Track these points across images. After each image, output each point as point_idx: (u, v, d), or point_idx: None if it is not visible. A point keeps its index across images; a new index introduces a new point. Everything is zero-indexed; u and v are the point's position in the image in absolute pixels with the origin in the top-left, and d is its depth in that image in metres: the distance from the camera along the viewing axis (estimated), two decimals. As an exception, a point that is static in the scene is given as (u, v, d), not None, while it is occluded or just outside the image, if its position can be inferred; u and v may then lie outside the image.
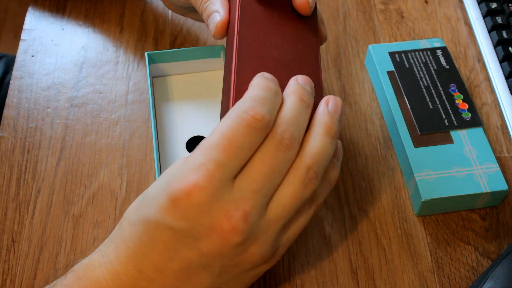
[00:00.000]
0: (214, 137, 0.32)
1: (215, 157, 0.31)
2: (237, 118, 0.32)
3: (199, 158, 0.31)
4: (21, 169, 0.51)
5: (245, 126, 0.31)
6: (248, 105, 0.32)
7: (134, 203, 0.36)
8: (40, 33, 0.61)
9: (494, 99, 0.56)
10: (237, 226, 0.31)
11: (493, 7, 0.60)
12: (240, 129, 0.31)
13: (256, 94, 0.33)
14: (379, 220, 0.48)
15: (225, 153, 0.31)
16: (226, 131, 0.31)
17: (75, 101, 0.55)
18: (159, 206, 0.33)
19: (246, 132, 0.31)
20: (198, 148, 0.32)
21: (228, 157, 0.31)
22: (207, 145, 0.32)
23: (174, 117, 0.52)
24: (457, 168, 0.48)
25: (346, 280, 0.45)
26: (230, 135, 0.31)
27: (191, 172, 0.31)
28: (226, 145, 0.31)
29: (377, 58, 0.56)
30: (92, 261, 0.36)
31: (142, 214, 0.34)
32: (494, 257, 0.46)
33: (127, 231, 0.35)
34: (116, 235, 0.36)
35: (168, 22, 0.62)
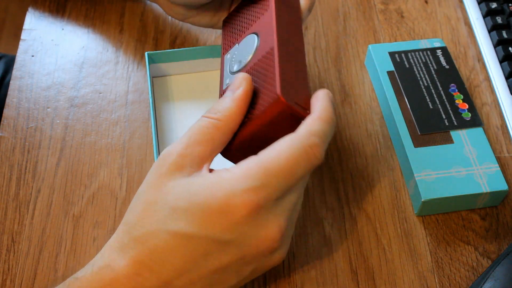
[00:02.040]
0: (277, 163, 0.33)
1: (275, 184, 0.33)
2: (303, 154, 0.34)
3: (260, 180, 0.33)
4: (21, 169, 0.51)
5: (307, 162, 0.34)
6: (316, 142, 0.34)
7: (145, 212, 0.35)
8: (40, 33, 0.61)
9: (494, 99, 0.56)
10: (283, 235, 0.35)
11: (493, 7, 0.60)
12: (303, 163, 0.34)
13: (322, 129, 0.35)
14: (379, 220, 0.48)
15: (284, 182, 0.34)
16: (290, 161, 0.33)
17: (75, 101, 0.55)
18: (203, 218, 0.33)
19: (306, 167, 0.34)
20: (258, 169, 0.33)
21: (286, 186, 0.34)
22: (269, 169, 0.33)
23: (174, 117, 0.52)
24: (457, 168, 0.48)
25: (346, 280, 0.45)
26: (292, 167, 0.34)
27: (251, 192, 0.33)
28: (287, 175, 0.33)
29: (377, 58, 0.56)
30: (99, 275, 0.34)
31: (174, 226, 0.33)
32: (494, 257, 0.46)
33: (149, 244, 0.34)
34: (128, 246, 0.34)
35: (168, 22, 0.62)
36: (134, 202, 0.36)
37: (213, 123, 0.36)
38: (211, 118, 0.36)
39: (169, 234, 0.34)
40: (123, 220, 0.36)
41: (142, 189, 0.36)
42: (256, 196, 0.33)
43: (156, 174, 0.36)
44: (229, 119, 0.36)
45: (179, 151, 0.36)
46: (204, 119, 0.36)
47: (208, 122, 0.36)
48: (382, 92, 0.54)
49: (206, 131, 0.36)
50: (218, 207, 0.33)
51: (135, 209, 0.36)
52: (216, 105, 0.37)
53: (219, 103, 0.37)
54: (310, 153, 0.34)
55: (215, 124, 0.36)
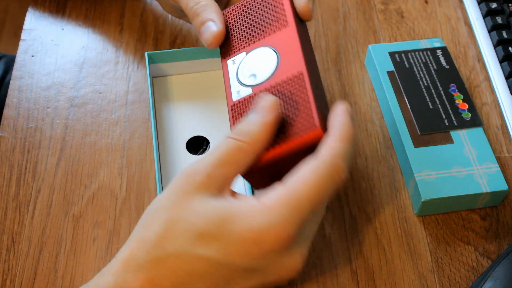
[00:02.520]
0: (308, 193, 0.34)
1: (304, 214, 0.34)
2: (329, 177, 0.34)
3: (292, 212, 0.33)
4: (21, 169, 0.51)
5: (333, 186, 0.34)
6: (340, 164, 0.34)
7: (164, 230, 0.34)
8: (40, 33, 0.61)
9: (494, 99, 0.56)
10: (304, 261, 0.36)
11: (493, 7, 0.60)
12: (329, 188, 0.34)
13: (346, 150, 0.35)
14: (379, 220, 0.48)
15: (312, 209, 0.34)
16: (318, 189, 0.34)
17: (75, 101, 0.55)
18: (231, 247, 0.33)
19: (332, 191, 0.35)
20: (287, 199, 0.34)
21: (313, 212, 0.35)
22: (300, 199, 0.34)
23: (174, 117, 0.52)
24: (457, 168, 0.48)
25: (346, 280, 0.45)
26: (320, 193, 0.34)
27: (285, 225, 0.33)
28: (316, 204, 0.34)
29: (377, 58, 0.56)
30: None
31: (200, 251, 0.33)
32: (494, 257, 0.46)
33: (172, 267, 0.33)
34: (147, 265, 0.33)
35: (168, 22, 0.62)
36: (152, 216, 0.35)
37: (241, 146, 0.35)
38: (239, 141, 0.36)
39: (196, 258, 0.33)
40: (139, 235, 0.34)
41: (163, 204, 0.35)
42: (290, 229, 0.33)
43: (180, 192, 0.34)
44: (257, 144, 0.36)
45: (208, 170, 0.35)
46: (232, 141, 0.36)
47: (236, 145, 0.35)
48: (382, 92, 0.54)
49: (232, 153, 0.35)
50: (251, 239, 0.33)
51: (155, 226, 0.34)
52: (244, 126, 0.36)
53: (247, 125, 0.36)
54: (335, 177, 0.34)
55: (242, 147, 0.35)
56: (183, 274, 0.33)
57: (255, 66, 0.42)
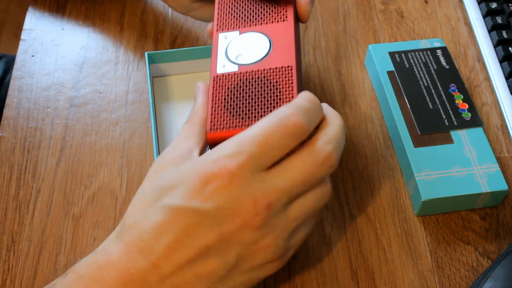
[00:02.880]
0: (251, 132, 0.35)
1: (249, 150, 0.34)
2: (278, 121, 0.35)
3: (233, 148, 0.34)
4: (21, 169, 0.51)
5: (283, 129, 0.34)
6: (292, 111, 0.35)
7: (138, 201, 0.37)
8: (40, 33, 0.61)
9: (494, 99, 0.56)
10: (261, 213, 0.34)
11: (493, 7, 0.60)
12: (278, 130, 0.34)
13: (301, 104, 0.36)
14: (379, 220, 0.48)
15: (259, 148, 0.34)
16: (264, 129, 0.34)
17: (75, 101, 0.55)
18: (186, 190, 0.34)
19: (283, 135, 0.34)
20: (233, 139, 0.35)
21: (261, 152, 0.34)
22: (244, 138, 0.34)
23: (174, 117, 0.52)
24: (457, 168, 0.48)
25: (346, 280, 0.45)
26: (267, 133, 0.34)
27: (225, 158, 0.34)
28: (261, 141, 0.34)
29: (377, 58, 0.56)
30: (95, 260, 0.36)
31: (161, 203, 0.35)
32: (494, 257, 0.46)
33: (139, 226, 0.35)
34: (122, 233, 0.36)
35: (168, 22, 0.62)
36: (134, 197, 0.38)
37: (190, 122, 0.40)
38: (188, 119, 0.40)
39: (156, 211, 0.35)
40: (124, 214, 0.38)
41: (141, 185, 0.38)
42: (229, 162, 0.33)
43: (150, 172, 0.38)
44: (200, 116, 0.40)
45: (171, 151, 0.38)
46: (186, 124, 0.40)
47: (187, 122, 0.40)
48: (382, 92, 0.54)
49: (187, 128, 0.39)
50: (198, 178, 0.34)
51: (131, 203, 0.37)
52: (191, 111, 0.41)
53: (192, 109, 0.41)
54: (287, 122, 0.34)
55: (192, 122, 0.40)
56: (148, 230, 0.34)
57: (246, 47, 0.43)
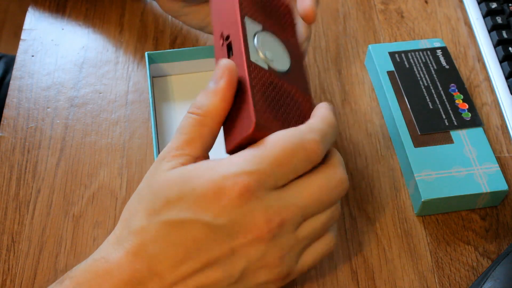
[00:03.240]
0: (272, 150, 0.34)
1: (268, 168, 0.33)
2: (299, 145, 0.34)
3: (252, 164, 0.33)
4: (21, 169, 0.51)
5: (303, 155, 0.34)
6: (313, 136, 0.35)
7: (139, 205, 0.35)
8: (40, 33, 0.61)
9: (494, 99, 0.56)
10: (273, 229, 0.34)
11: (493, 7, 0.60)
12: (298, 153, 0.34)
13: (322, 128, 0.35)
14: (379, 220, 0.48)
15: (277, 168, 0.34)
16: (285, 150, 0.34)
17: (75, 101, 0.55)
18: (197, 203, 0.33)
19: (302, 158, 0.34)
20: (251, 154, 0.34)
21: (279, 172, 0.34)
22: (263, 155, 0.34)
23: (174, 117, 0.52)
24: (457, 168, 0.48)
25: (346, 280, 0.45)
26: (287, 155, 0.34)
27: (244, 174, 0.33)
28: (281, 162, 0.34)
29: (377, 58, 0.56)
30: (93, 267, 0.35)
31: (169, 214, 0.34)
32: (494, 257, 0.46)
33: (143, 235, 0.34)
34: (124, 239, 0.35)
35: (168, 22, 0.62)
36: (131, 200, 0.37)
37: (198, 119, 0.36)
38: (195, 114, 0.36)
39: (163, 224, 0.34)
40: (121, 218, 0.37)
41: (138, 188, 0.37)
42: (247, 178, 0.33)
43: (151, 173, 0.36)
44: (214, 114, 0.36)
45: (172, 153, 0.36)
46: (188, 116, 0.36)
47: (193, 120, 0.36)
48: (382, 92, 0.54)
49: (192, 129, 0.36)
50: (211, 191, 0.33)
51: (132, 206, 0.36)
52: (198, 98, 0.36)
53: (201, 97, 0.36)
54: (308, 147, 0.34)
55: (200, 120, 0.36)
56: (153, 240, 0.34)
57: (272, 48, 0.40)
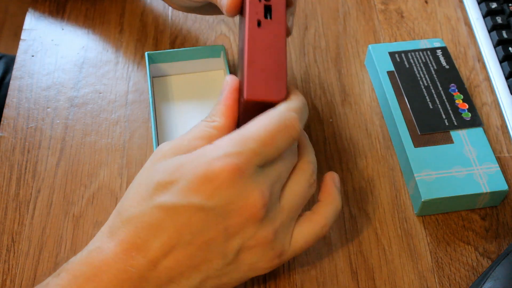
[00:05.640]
0: (256, 130, 0.35)
1: (256, 148, 0.35)
2: (281, 123, 0.36)
3: (238, 145, 0.34)
4: (21, 169, 0.51)
5: (286, 132, 0.36)
6: (293, 115, 0.36)
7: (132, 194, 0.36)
8: (40, 33, 0.61)
9: (494, 99, 0.56)
10: (266, 205, 0.35)
11: (493, 7, 0.60)
12: (281, 132, 0.35)
13: (298, 106, 0.37)
14: (379, 220, 0.48)
15: (264, 148, 0.35)
16: (270, 128, 0.35)
17: (75, 101, 0.55)
18: (187, 186, 0.34)
19: (285, 137, 0.36)
20: (237, 136, 0.35)
21: (266, 151, 0.35)
22: (249, 135, 0.35)
23: (174, 117, 0.52)
24: (457, 168, 0.48)
25: (346, 280, 0.45)
26: (271, 133, 0.35)
27: (232, 155, 0.34)
28: (268, 141, 0.35)
29: (377, 58, 0.56)
30: (89, 258, 0.35)
31: (159, 199, 0.34)
32: (494, 257, 0.46)
33: (135, 222, 0.34)
34: (117, 228, 0.35)
35: (168, 22, 0.62)
36: (127, 190, 0.37)
37: (210, 123, 0.38)
38: (208, 120, 0.38)
39: (155, 209, 0.34)
40: (116, 208, 0.37)
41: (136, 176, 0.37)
42: (236, 159, 0.34)
43: (149, 161, 0.37)
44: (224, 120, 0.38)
45: (176, 142, 0.37)
46: (201, 123, 0.38)
47: (206, 123, 0.38)
48: (382, 92, 0.54)
49: (204, 129, 0.37)
50: (202, 174, 0.34)
51: (126, 195, 0.37)
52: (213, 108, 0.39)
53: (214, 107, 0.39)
54: (288, 124, 0.35)
55: (211, 124, 0.38)
56: (147, 227, 0.34)
57: None
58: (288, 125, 0.36)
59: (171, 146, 0.37)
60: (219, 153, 0.34)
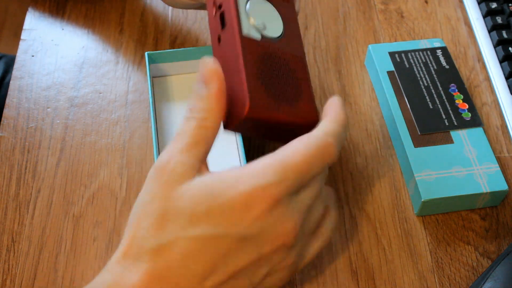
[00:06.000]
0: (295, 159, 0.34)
1: (293, 177, 0.34)
2: (319, 152, 0.35)
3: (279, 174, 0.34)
4: (21, 169, 0.51)
5: (321, 160, 0.35)
6: (330, 141, 0.35)
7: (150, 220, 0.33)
8: (40, 33, 0.61)
9: (494, 99, 0.56)
10: (298, 234, 0.35)
11: (493, 7, 0.60)
12: (318, 161, 0.35)
13: (336, 130, 0.36)
14: (379, 220, 0.48)
15: (301, 177, 0.34)
16: (307, 158, 0.34)
17: (75, 101, 0.55)
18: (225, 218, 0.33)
19: (321, 164, 0.35)
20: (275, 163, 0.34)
21: (302, 180, 0.35)
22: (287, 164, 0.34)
23: (174, 117, 0.52)
24: (457, 168, 0.48)
25: (346, 280, 0.45)
26: (309, 163, 0.34)
27: (272, 186, 0.33)
28: (305, 170, 0.34)
29: (377, 58, 0.56)
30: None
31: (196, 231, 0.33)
32: (494, 257, 0.46)
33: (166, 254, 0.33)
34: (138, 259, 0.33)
35: (168, 22, 0.62)
36: (140, 213, 0.34)
37: (200, 123, 0.36)
38: (199, 119, 0.36)
39: (191, 240, 0.33)
40: (130, 233, 0.34)
41: (147, 200, 0.34)
42: (276, 189, 0.33)
43: (158, 183, 0.34)
44: (214, 116, 0.36)
45: (177, 157, 0.35)
46: (192, 120, 0.36)
47: (198, 124, 0.36)
48: (382, 92, 0.54)
49: (197, 132, 0.36)
50: (241, 205, 0.33)
51: (145, 221, 0.34)
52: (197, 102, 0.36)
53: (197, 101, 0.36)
54: (325, 151, 0.35)
55: (203, 124, 0.36)
56: (180, 259, 0.33)
57: (264, 16, 0.39)
58: (325, 153, 0.35)
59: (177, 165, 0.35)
60: (258, 182, 0.33)
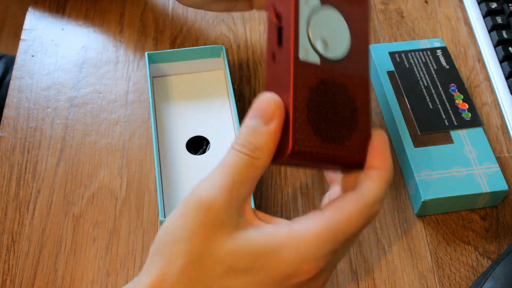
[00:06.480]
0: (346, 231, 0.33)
1: (340, 246, 0.33)
2: (368, 221, 0.34)
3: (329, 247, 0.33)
4: (21, 169, 0.51)
5: (367, 225, 0.35)
6: (378, 208, 0.35)
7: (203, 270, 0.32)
8: (40, 33, 0.61)
9: (494, 99, 0.56)
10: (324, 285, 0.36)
11: (493, 7, 0.60)
12: (364, 227, 0.34)
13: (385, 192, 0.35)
14: (379, 220, 0.48)
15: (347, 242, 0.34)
16: (356, 229, 0.34)
17: (75, 101, 0.55)
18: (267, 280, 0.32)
19: (365, 228, 0.35)
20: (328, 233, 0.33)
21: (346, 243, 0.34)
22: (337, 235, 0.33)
23: (174, 117, 0.52)
24: (457, 168, 0.48)
25: (346, 280, 0.45)
26: (357, 233, 0.34)
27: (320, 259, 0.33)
28: (351, 240, 0.34)
29: (377, 58, 0.56)
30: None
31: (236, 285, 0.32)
32: (494, 257, 0.46)
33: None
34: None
35: (168, 22, 0.62)
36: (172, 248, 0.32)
37: (253, 162, 0.32)
38: (251, 157, 0.32)
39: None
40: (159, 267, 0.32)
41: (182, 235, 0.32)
42: (323, 263, 0.33)
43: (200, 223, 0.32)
44: (267, 157, 0.32)
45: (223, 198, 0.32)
46: (243, 157, 0.32)
47: (249, 161, 0.32)
48: (382, 92, 0.54)
49: (246, 171, 0.32)
50: (284, 273, 0.32)
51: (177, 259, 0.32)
52: (252, 138, 0.32)
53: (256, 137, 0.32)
54: (371, 219, 0.35)
55: (255, 163, 0.32)
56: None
57: (329, 31, 0.32)
58: (371, 220, 0.35)
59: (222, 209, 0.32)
60: (309, 255, 0.32)
